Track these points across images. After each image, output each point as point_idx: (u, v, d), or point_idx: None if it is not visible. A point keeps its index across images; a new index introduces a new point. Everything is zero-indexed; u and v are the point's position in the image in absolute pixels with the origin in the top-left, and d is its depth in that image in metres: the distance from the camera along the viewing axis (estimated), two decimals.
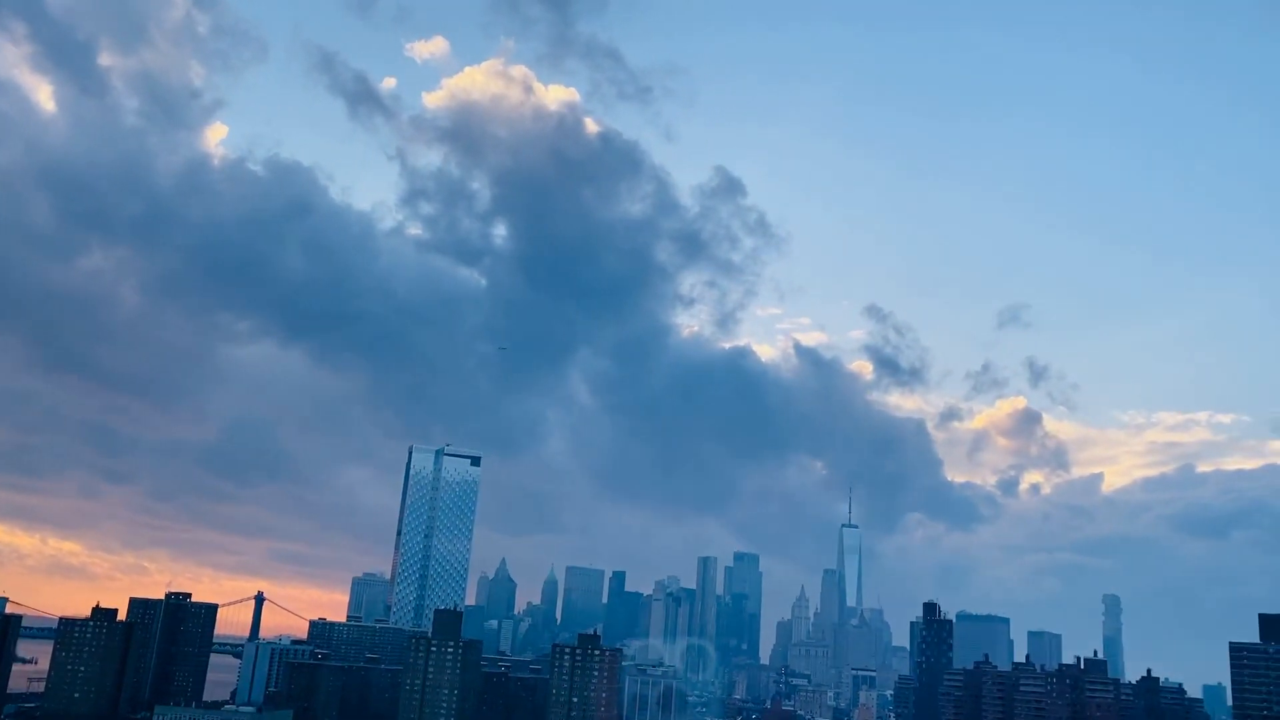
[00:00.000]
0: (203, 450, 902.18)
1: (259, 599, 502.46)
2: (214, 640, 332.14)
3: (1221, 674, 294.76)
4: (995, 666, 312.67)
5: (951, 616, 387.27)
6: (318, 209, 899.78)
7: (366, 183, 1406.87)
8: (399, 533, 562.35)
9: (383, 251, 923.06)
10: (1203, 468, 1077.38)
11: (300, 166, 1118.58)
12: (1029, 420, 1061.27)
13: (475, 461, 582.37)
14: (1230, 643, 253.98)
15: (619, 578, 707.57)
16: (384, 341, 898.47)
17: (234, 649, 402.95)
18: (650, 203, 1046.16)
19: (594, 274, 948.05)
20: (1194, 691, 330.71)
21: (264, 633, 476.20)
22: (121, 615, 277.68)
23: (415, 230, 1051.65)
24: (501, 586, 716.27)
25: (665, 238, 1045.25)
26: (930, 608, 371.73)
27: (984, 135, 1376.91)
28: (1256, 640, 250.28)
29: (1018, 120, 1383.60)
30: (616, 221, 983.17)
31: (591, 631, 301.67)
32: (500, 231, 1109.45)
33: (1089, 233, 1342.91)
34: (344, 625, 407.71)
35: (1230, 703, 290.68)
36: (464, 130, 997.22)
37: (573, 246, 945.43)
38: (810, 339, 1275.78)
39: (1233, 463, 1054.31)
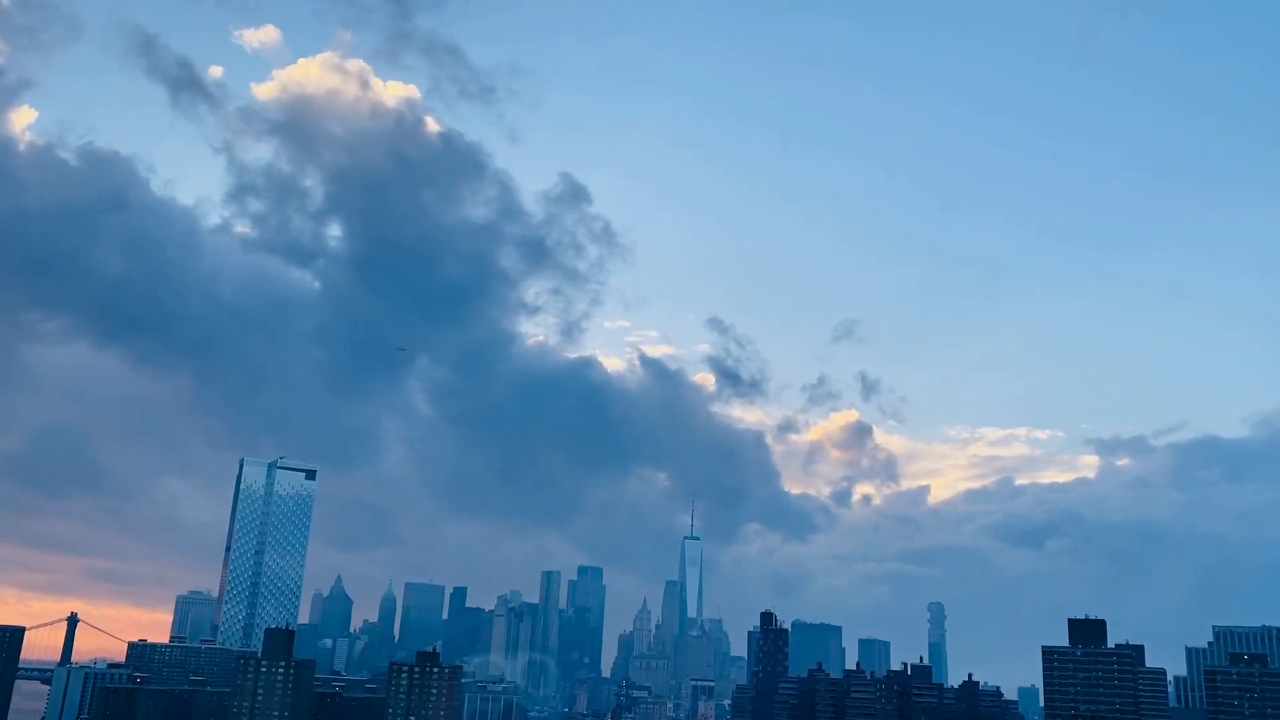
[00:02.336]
0: (7, 460, 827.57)
1: (72, 620, 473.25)
2: (19, 666, 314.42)
3: (1035, 676, 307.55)
4: (828, 674, 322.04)
5: (787, 625, 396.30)
6: (137, 202, 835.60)
7: (190, 176, 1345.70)
8: (228, 549, 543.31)
9: (208, 250, 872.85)
10: (1021, 480, 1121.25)
11: (118, 156, 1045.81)
12: (861, 433, 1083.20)
13: (310, 475, 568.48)
14: (1043, 646, 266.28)
15: (460, 593, 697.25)
16: (209, 345, 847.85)
17: (43, 675, 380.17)
18: (493, 207, 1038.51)
19: (434, 279, 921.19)
20: (1010, 694, 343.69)
21: (77, 656, 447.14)
22: None
23: (243, 228, 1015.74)
24: (337, 604, 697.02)
25: (509, 243, 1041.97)
26: (767, 617, 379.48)
27: (819, 159, 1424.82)
28: (1066, 644, 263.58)
29: (850, 146, 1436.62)
30: (458, 225, 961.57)
31: (431, 649, 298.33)
32: (334, 232, 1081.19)
33: (918, 253, 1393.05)
34: (166, 646, 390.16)
35: (1041, 703, 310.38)
36: (296, 125, 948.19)
37: (412, 250, 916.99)
38: (656, 350, 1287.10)
39: (1048, 476, 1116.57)
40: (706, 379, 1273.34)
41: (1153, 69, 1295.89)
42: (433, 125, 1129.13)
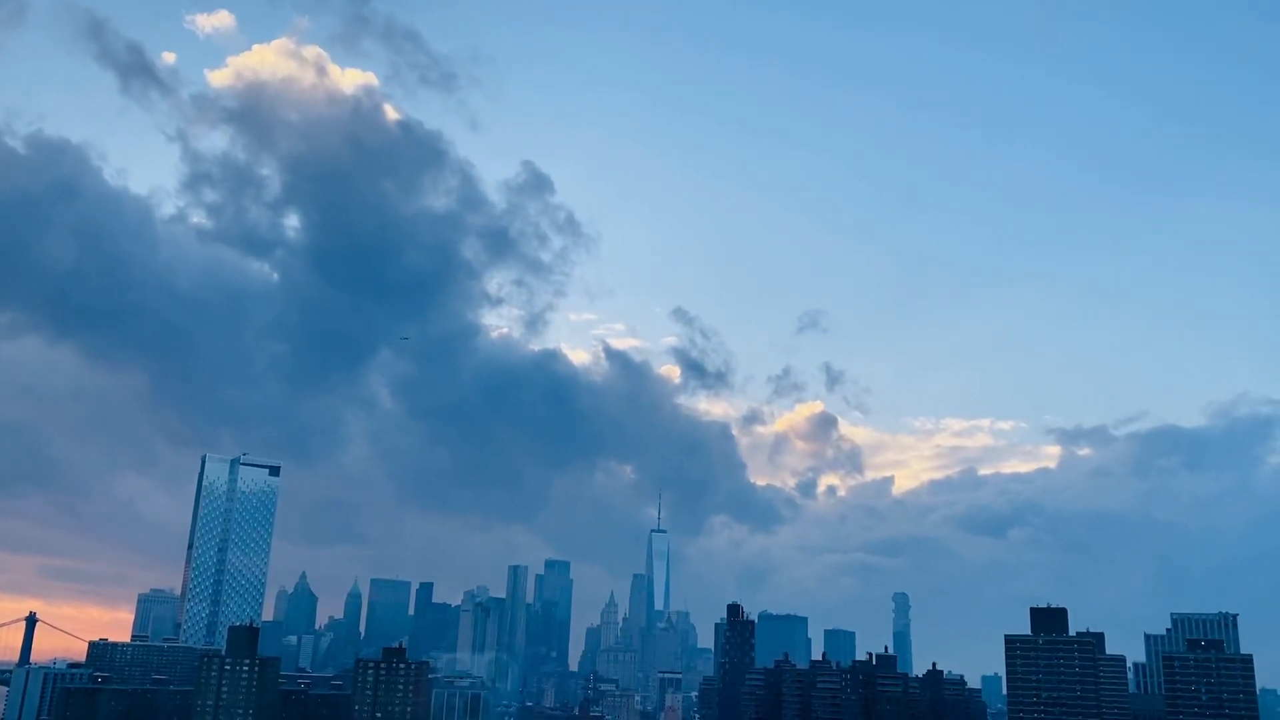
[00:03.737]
0: None
1: (30, 620, 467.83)
2: None
3: (998, 664, 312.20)
4: (794, 665, 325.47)
5: (754, 617, 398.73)
6: (88, 192, 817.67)
7: (143, 165, 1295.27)
8: (190, 546, 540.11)
9: (163, 241, 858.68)
10: (984, 471, 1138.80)
11: (68, 144, 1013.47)
12: (826, 424, 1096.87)
13: (274, 471, 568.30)
14: (1005, 635, 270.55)
15: (426, 589, 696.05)
16: (165, 339, 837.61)
17: (1, 675, 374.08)
18: (455, 197, 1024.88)
19: (395, 270, 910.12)
20: (974, 682, 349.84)
21: (36, 657, 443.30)
22: None
23: (199, 218, 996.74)
24: (302, 601, 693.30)
25: (471, 234, 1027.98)
26: (733, 609, 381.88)
27: (782, 153, 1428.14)
28: (1028, 632, 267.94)
29: (812, 141, 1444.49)
30: (419, 215, 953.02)
31: (397, 645, 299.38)
32: (292, 223, 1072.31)
33: (881, 247, 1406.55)
34: (128, 645, 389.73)
35: (1004, 691, 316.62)
36: (252, 112, 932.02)
37: (372, 240, 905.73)
38: (621, 342, 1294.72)
39: (1010, 466, 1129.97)
40: (672, 371, 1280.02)
41: (1108, 72, 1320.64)
42: (391, 113, 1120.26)
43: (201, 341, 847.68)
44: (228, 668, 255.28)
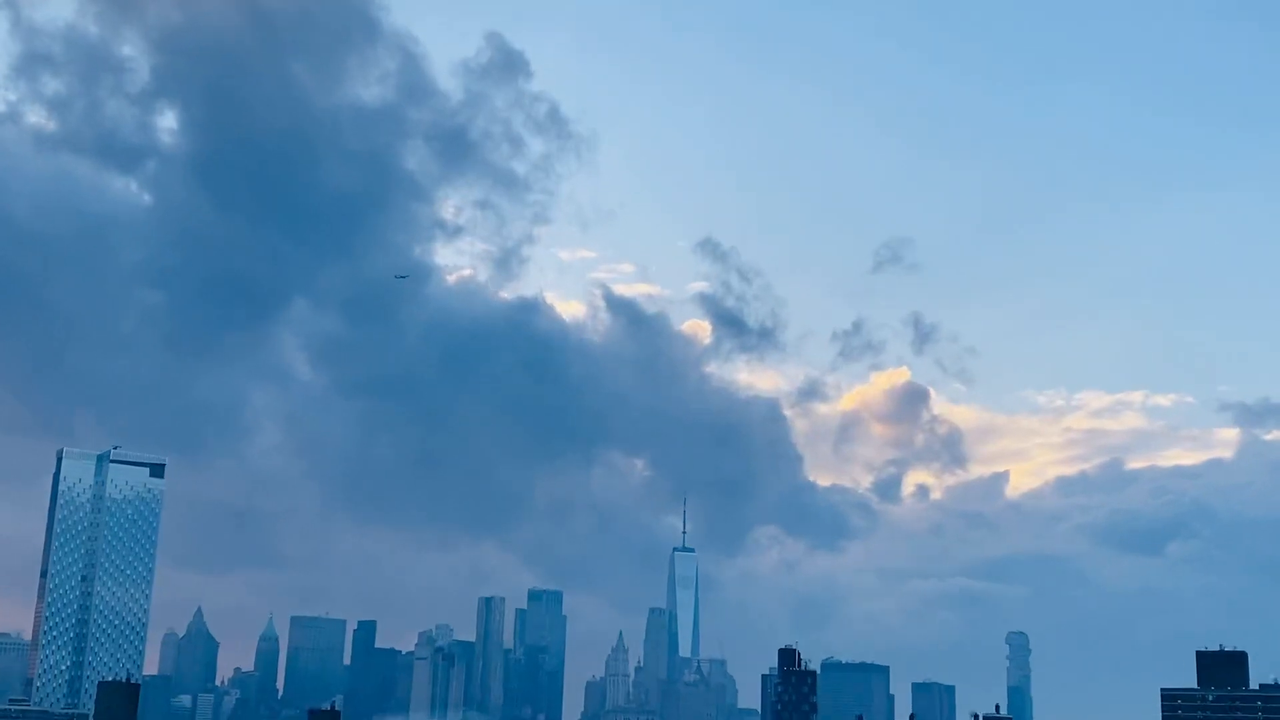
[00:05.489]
0: None
1: None
2: None
3: None
4: None
5: (815, 666, 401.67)
6: None
7: None
8: (44, 574, 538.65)
9: None
10: (1134, 463, 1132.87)
11: None
12: (914, 399, 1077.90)
13: (156, 470, 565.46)
14: (1162, 689, 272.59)
15: (366, 629, 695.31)
16: None
17: None
18: (393, 84, 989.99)
19: (311, 188, 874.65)
20: None
21: None
22: None
23: (37, 117, 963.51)
24: (197, 647, 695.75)
25: (416, 136, 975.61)
26: (787, 655, 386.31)
27: (846, 19, 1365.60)
28: (1193, 685, 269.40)
29: (893, 11, 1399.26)
30: (343, 110, 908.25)
31: (328, 707, 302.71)
32: (167, 123, 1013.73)
33: (990, 150, 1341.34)
34: None
35: None
36: None
37: (279, 147, 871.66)
38: (628, 288, 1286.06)
39: (1170, 457, 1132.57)
40: (699, 327, 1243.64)
41: None
42: None
43: (46, 290, 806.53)
44: None
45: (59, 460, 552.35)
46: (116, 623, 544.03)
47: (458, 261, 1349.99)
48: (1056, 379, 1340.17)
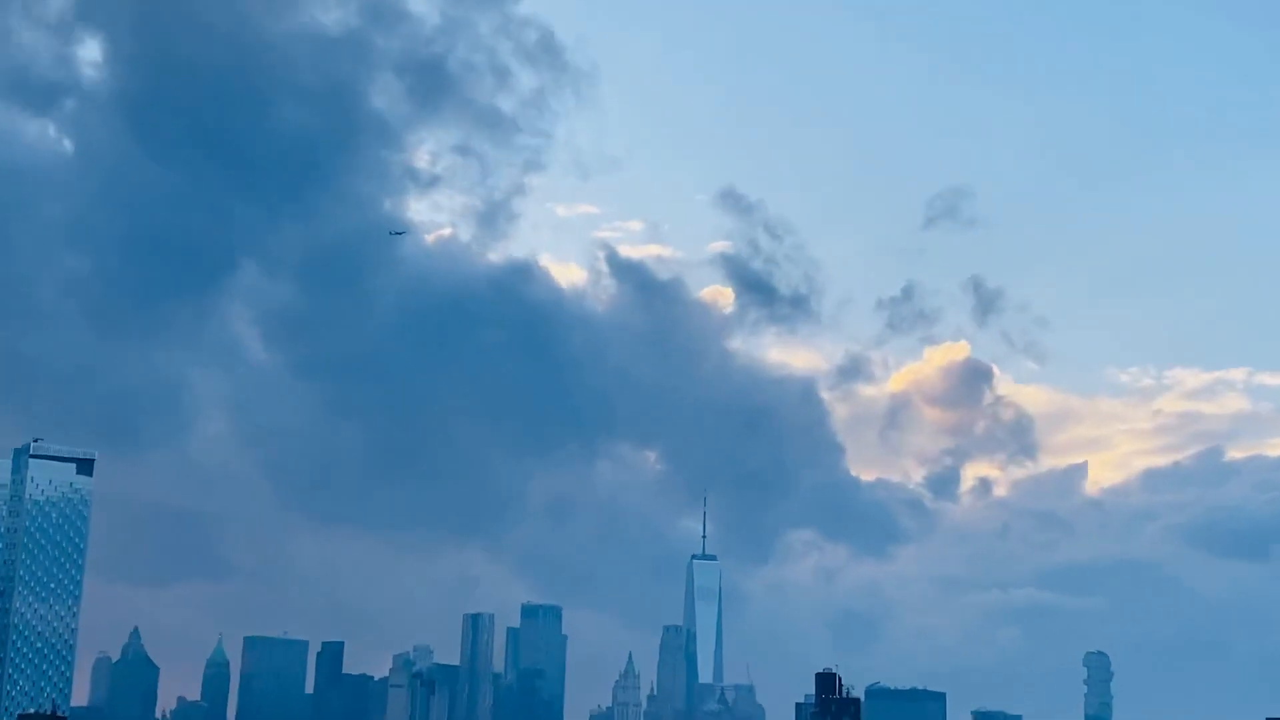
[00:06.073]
0: None
1: None
2: None
3: None
4: None
5: (859, 693, 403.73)
6: None
7: None
8: None
9: None
10: (1235, 453, 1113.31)
11: None
12: (975, 379, 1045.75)
13: (84, 466, 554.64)
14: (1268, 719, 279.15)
15: (332, 651, 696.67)
16: None
17: None
18: (356, 7, 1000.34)
19: (261, 132, 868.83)
20: None
21: None
22: None
23: None
24: (135, 673, 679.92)
25: (385, 68, 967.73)
26: (826, 680, 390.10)
27: None
28: None
29: None
30: (298, 38, 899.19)
31: None
32: (90, 55, 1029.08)
33: (1060, 85, 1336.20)
34: None
35: None
36: None
37: (221, 83, 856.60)
38: (637, 249, 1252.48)
39: (1278, 446, 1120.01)
40: (721, 294, 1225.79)
41: None
42: None
43: None
44: None
45: None
46: (39, 645, 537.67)
47: (435, 218, 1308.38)
48: (1144, 354, 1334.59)
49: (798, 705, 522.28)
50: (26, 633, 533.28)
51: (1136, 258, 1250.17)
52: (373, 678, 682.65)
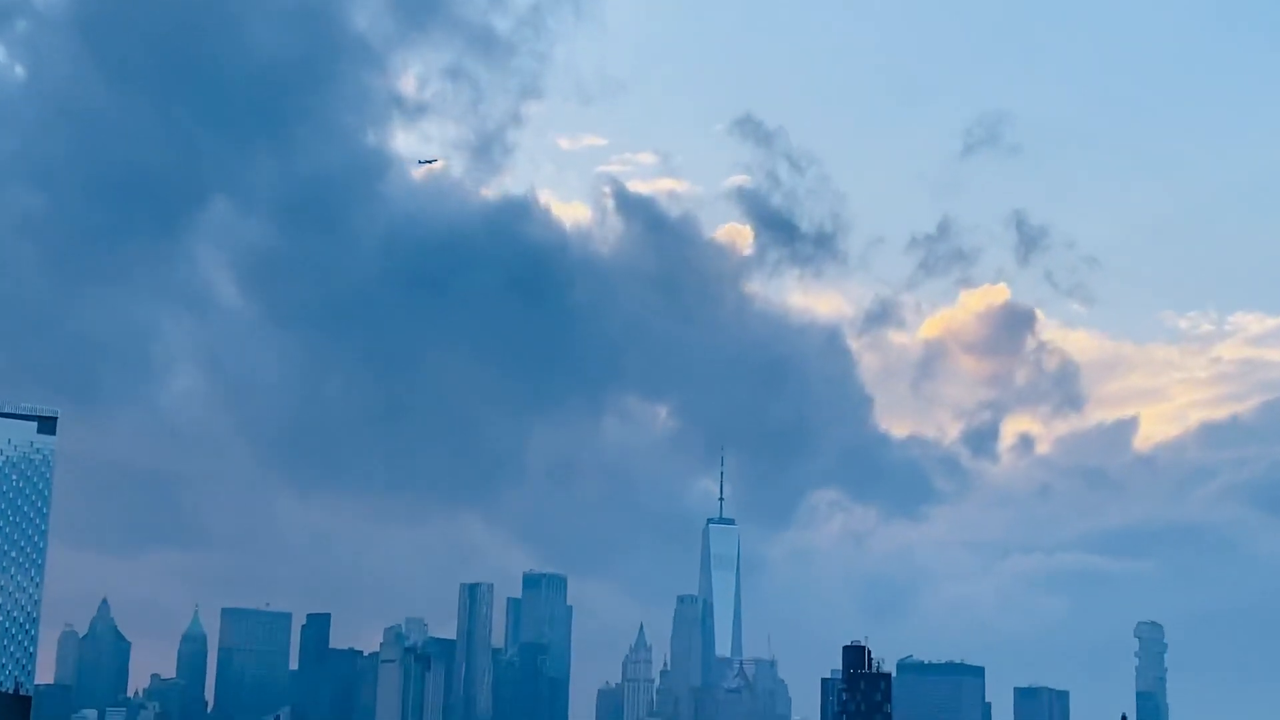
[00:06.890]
0: None
1: None
2: None
3: None
4: None
5: (890, 667, 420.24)
6: None
7: None
8: None
9: None
10: None
11: None
12: (1017, 324, 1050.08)
13: (45, 425, 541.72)
14: None
15: (318, 624, 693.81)
16: None
17: None
18: None
19: (233, 57, 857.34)
20: None
21: None
22: None
23: None
24: (104, 649, 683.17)
25: None
26: (854, 653, 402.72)
27: None
28: None
29: None
30: None
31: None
32: None
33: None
34: None
35: None
36: None
37: (188, 2, 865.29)
38: (646, 184, 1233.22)
39: None
40: (739, 233, 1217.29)
41: None
42: None
43: None
44: None
45: None
46: (0, 619, 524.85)
47: (424, 150, 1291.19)
48: (1202, 297, 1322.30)
49: (823, 680, 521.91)
50: None
51: (1196, 191, 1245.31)
52: (361, 653, 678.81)
